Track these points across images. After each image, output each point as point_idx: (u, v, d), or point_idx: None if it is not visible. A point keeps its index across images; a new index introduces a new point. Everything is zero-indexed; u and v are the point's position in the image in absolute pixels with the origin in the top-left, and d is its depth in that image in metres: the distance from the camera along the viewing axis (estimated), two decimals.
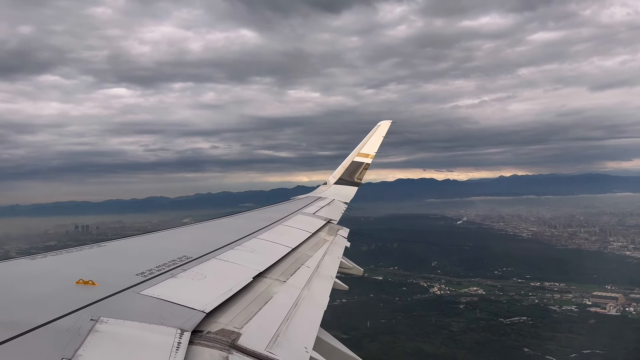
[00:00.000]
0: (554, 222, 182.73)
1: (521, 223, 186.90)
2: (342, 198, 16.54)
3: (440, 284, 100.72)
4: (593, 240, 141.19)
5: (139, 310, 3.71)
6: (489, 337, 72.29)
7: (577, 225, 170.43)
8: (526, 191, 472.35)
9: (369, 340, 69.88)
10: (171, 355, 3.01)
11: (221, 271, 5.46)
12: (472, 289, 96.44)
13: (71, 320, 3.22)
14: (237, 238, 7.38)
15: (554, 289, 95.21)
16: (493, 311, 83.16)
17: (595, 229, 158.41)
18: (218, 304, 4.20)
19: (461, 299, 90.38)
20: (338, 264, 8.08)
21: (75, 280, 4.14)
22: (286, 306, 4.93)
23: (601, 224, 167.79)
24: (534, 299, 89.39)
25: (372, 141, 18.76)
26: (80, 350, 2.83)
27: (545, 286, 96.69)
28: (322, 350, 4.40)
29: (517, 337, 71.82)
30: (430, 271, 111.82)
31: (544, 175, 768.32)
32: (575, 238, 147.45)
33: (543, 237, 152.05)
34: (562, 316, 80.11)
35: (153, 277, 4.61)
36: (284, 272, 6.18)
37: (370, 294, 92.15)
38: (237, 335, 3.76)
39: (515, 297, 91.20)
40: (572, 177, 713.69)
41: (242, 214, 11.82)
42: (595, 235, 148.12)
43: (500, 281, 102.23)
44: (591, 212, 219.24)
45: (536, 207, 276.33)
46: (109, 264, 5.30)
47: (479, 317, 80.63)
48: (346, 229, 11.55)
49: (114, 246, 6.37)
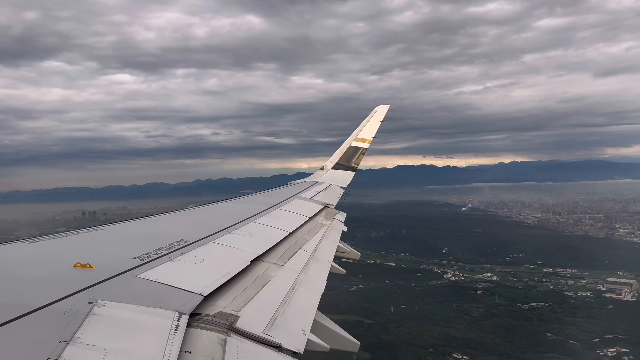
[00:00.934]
0: (558, 208, 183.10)
1: (525, 209, 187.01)
2: (339, 183, 16.54)
3: (454, 270, 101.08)
4: (599, 227, 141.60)
5: (137, 293, 3.71)
6: (512, 322, 73.17)
7: (581, 212, 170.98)
8: (526, 177, 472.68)
9: (395, 326, 71.02)
10: (169, 338, 3.02)
11: (219, 255, 5.47)
12: (486, 275, 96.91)
13: (69, 303, 3.22)
14: (235, 222, 7.38)
15: (567, 275, 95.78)
16: (511, 297, 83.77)
17: (600, 215, 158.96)
18: (216, 287, 4.21)
19: (477, 285, 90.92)
20: (335, 248, 8.10)
21: (73, 263, 4.14)
22: (283, 290, 4.95)
23: (605, 211, 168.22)
24: (548, 285, 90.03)
25: (369, 126, 18.69)
26: (79, 333, 2.84)
27: (558, 272, 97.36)
28: (319, 332, 4.44)
29: (539, 322, 72.65)
30: (442, 257, 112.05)
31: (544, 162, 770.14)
32: (581, 225, 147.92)
33: (549, 224, 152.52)
34: (579, 302, 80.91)
35: (150, 261, 4.61)
36: (281, 256, 6.19)
37: (386, 280, 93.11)
38: (235, 318, 3.77)
39: (530, 283, 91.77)
40: (571, 163, 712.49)
41: (239, 198, 11.81)
42: (601, 221, 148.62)
43: (512, 267, 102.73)
44: (593, 198, 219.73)
45: (537, 193, 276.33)
46: (107, 248, 5.30)
47: (498, 302, 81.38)
48: (343, 214, 11.57)
49: (111, 230, 6.36)
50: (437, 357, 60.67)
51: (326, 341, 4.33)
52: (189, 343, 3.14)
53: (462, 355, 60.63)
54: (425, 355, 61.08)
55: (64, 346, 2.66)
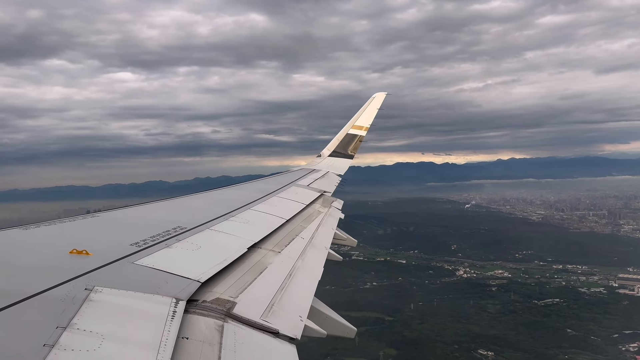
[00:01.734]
0: (560, 205, 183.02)
1: (527, 206, 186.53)
2: (336, 170, 16.53)
3: (464, 267, 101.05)
4: (604, 224, 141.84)
5: (134, 279, 3.70)
6: (531, 318, 73.68)
7: (584, 209, 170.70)
8: (525, 174, 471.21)
9: (418, 322, 71.42)
10: (166, 324, 3.02)
11: (216, 242, 5.47)
12: (498, 272, 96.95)
13: (65, 290, 3.21)
14: (232, 209, 7.37)
15: (577, 271, 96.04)
16: (525, 294, 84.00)
17: (603, 212, 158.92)
18: (213, 274, 4.21)
19: (490, 282, 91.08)
20: (332, 235, 8.11)
21: (69, 250, 4.12)
22: (281, 276, 4.96)
23: (608, 207, 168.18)
24: (560, 282, 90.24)
25: (366, 113, 18.63)
26: (75, 319, 2.83)
27: (569, 269, 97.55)
28: (316, 319, 4.45)
29: (557, 318, 73.26)
30: (451, 254, 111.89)
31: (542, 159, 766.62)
32: (586, 221, 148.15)
33: (554, 221, 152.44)
34: (593, 298, 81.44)
35: (147, 247, 4.60)
36: (278, 243, 6.20)
37: (399, 277, 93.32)
38: (232, 304, 3.78)
39: (542, 279, 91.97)
40: (570, 160, 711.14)
41: (236, 185, 11.80)
42: (605, 218, 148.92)
43: (522, 264, 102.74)
44: (594, 195, 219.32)
45: (538, 190, 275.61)
46: (103, 234, 5.28)
47: (514, 299, 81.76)
48: (340, 201, 11.57)
49: (108, 216, 6.34)
50: (463, 353, 61.17)
51: (323, 327, 4.34)
52: (186, 329, 3.14)
53: (487, 352, 61.03)
54: (451, 352, 61.55)
55: (61, 332, 2.65)
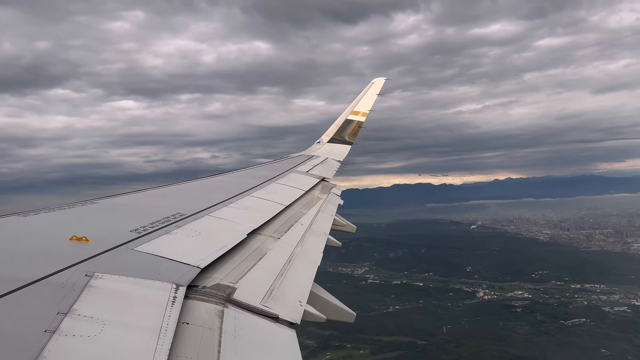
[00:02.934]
0: (564, 224, 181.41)
1: (532, 226, 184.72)
2: (335, 156, 16.50)
3: (483, 288, 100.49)
4: (612, 242, 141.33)
5: (134, 265, 3.71)
6: (564, 339, 73.68)
7: (589, 227, 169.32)
8: (523, 194, 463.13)
9: (454, 346, 71.18)
10: (167, 309, 3.04)
11: (215, 228, 5.48)
12: (518, 293, 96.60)
13: (66, 276, 3.22)
14: (231, 196, 7.37)
15: (597, 290, 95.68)
16: (550, 314, 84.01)
17: (608, 230, 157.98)
18: (213, 260, 4.22)
19: (512, 303, 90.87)
20: (331, 221, 8.13)
21: (69, 236, 4.13)
22: (280, 262, 4.98)
23: (612, 225, 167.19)
24: (582, 301, 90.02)
25: (365, 99, 18.54)
26: (76, 305, 2.84)
27: (587, 288, 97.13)
28: (316, 304, 4.48)
29: (589, 338, 73.32)
30: (467, 276, 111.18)
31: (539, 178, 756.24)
32: (594, 240, 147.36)
33: (562, 240, 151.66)
34: (619, 317, 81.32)
35: (147, 234, 4.61)
36: (277, 229, 6.21)
37: (420, 300, 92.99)
38: (232, 290, 3.80)
39: (563, 299, 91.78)
40: (566, 179, 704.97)
41: (235, 172, 11.78)
42: (612, 236, 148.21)
43: (540, 284, 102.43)
44: (596, 213, 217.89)
45: (538, 209, 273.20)
46: (103, 221, 5.29)
47: (541, 320, 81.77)
48: (339, 187, 11.58)
49: (107, 203, 6.34)
50: None
51: (323, 312, 4.37)
52: (187, 314, 3.16)
53: None
54: None
55: (62, 318, 2.67)
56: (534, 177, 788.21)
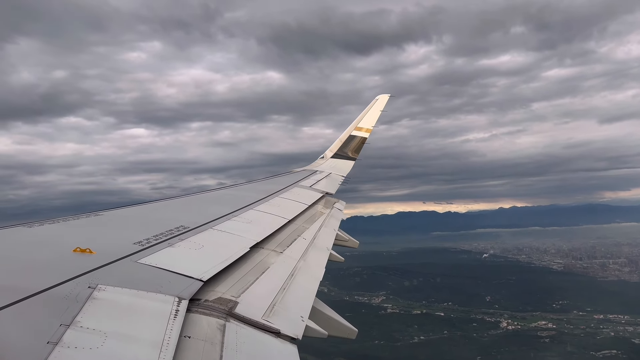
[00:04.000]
0: (575, 253, 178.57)
1: (543, 255, 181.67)
2: (339, 172, 16.52)
3: (505, 319, 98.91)
4: (627, 272, 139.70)
5: (137, 278, 3.72)
6: None
7: (601, 257, 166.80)
8: (529, 222, 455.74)
9: None
10: (169, 322, 3.04)
11: (218, 241, 5.48)
12: (541, 323, 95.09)
13: (69, 287, 3.23)
14: (234, 209, 7.39)
15: (621, 321, 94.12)
16: (579, 344, 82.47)
17: (622, 260, 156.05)
18: (215, 273, 4.23)
19: (538, 334, 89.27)
20: (334, 236, 8.12)
21: (73, 248, 4.14)
22: (282, 276, 4.97)
23: (625, 255, 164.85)
24: (608, 332, 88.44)
25: (369, 115, 18.61)
26: (79, 317, 2.85)
27: (611, 319, 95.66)
28: (318, 319, 4.46)
29: None
30: (487, 306, 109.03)
31: (544, 207, 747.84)
32: (609, 269, 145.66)
33: (577, 269, 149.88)
34: None
35: (150, 246, 4.62)
36: (280, 243, 6.21)
37: (444, 331, 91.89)
38: (234, 304, 3.80)
39: (588, 330, 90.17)
40: (572, 207, 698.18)
41: (238, 185, 11.81)
42: (627, 266, 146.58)
43: (562, 314, 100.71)
44: (606, 242, 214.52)
45: (546, 238, 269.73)
46: (106, 233, 5.30)
47: (570, 351, 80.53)
48: (342, 202, 11.58)
49: (111, 215, 6.36)
50: None
51: (324, 328, 4.35)
52: (189, 328, 3.16)
53: None
54: None
55: (64, 330, 2.68)
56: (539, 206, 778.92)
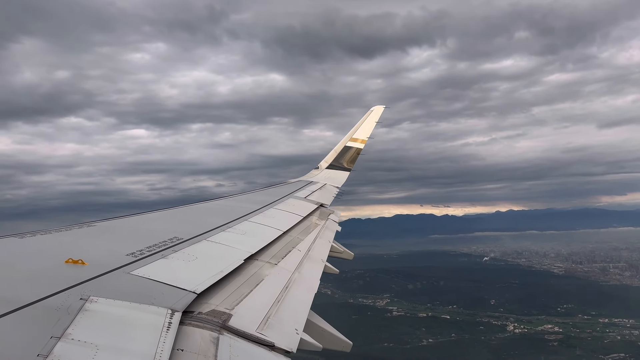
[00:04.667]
0: (575, 257, 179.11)
1: (543, 259, 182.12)
2: (334, 183, 16.54)
3: (511, 322, 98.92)
4: (628, 276, 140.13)
5: (129, 290, 3.68)
6: None
7: (601, 261, 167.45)
8: (526, 226, 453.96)
9: None
10: (162, 335, 3.00)
11: (212, 253, 5.45)
12: (548, 327, 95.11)
13: (61, 299, 3.19)
14: (229, 220, 7.36)
15: (627, 325, 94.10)
16: (588, 348, 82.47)
17: (622, 264, 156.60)
18: (209, 285, 4.19)
19: (546, 337, 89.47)
20: (329, 247, 8.10)
21: (65, 259, 4.10)
22: (277, 289, 4.94)
23: (624, 260, 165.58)
24: (615, 336, 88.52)
25: (364, 126, 18.69)
26: (70, 329, 2.81)
27: (616, 323, 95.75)
28: (312, 332, 4.43)
29: None
30: (492, 309, 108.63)
31: (541, 211, 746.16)
32: (609, 274, 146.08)
33: (578, 273, 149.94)
34: None
35: (143, 258, 4.59)
36: (275, 255, 6.18)
37: (452, 334, 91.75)
38: (228, 316, 3.76)
39: (595, 334, 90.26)
40: (568, 211, 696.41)
41: (233, 196, 11.78)
42: (627, 270, 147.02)
43: (568, 318, 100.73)
44: (604, 247, 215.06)
45: (544, 242, 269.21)
46: (99, 244, 5.26)
47: (580, 354, 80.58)
48: (338, 213, 11.57)
49: (104, 226, 6.32)
50: None
51: (319, 340, 4.32)
52: (182, 341, 3.12)
53: None
54: None
55: (55, 342, 2.64)
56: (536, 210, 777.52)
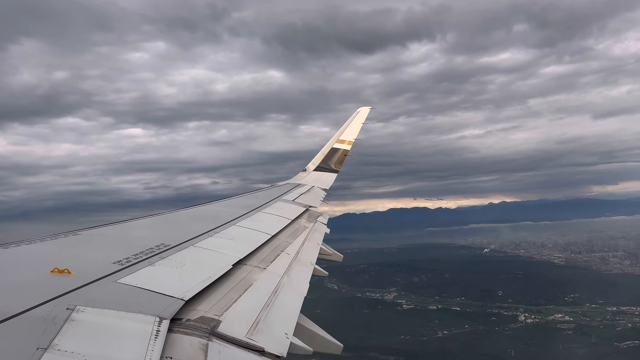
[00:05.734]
0: (573, 247, 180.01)
1: (541, 250, 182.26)
2: (322, 185, 16.55)
3: (521, 312, 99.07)
4: (629, 265, 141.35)
5: (116, 298, 3.65)
6: None
7: (599, 250, 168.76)
8: (520, 217, 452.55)
9: None
10: (150, 343, 2.98)
11: (200, 259, 5.42)
12: (558, 316, 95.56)
13: (47, 310, 3.15)
14: (216, 226, 7.33)
15: (635, 312, 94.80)
16: (602, 336, 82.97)
17: (620, 253, 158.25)
18: (197, 292, 4.17)
19: (558, 326, 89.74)
20: (318, 250, 8.10)
21: (50, 269, 4.06)
22: (266, 293, 4.93)
23: (622, 248, 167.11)
24: (626, 324, 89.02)
25: (351, 128, 18.76)
26: (57, 340, 2.78)
27: (624, 311, 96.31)
28: (302, 336, 4.42)
29: None
30: (501, 300, 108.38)
31: (533, 202, 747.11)
32: (609, 263, 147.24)
33: (579, 263, 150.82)
34: None
35: (130, 265, 4.55)
36: (263, 260, 6.17)
37: (465, 325, 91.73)
38: (217, 323, 3.74)
39: (605, 322, 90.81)
40: (560, 202, 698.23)
41: (221, 201, 11.73)
42: (626, 259, 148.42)
43: (576, 307, 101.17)
44: (600, 236, 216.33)
45: (540, 233, 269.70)
46: (85, 253, 5.21)
47: (595, 342, 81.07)
48: (326, 216, 11.57)
49: (90, 235, 6.25)
50: None
51: (309, 344, 4.32)
52: (170, 348, 3.10)
53: None
54: None
55: (42, 354, 2.61)
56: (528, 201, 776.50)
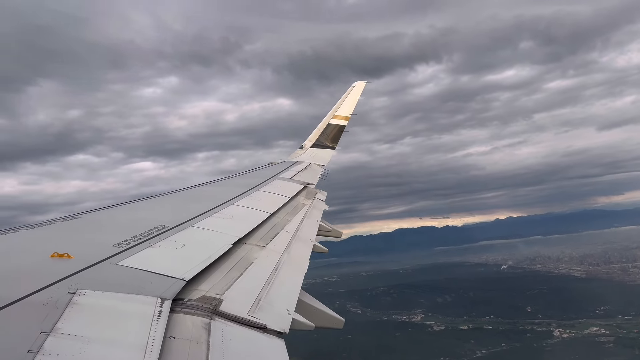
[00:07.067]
0: (589, 260, 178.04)
1: (558, 264, 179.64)
2: (319, 161, 16.50)
3: (555, 327, 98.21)
4: None
5: (117, 281, 3.67)
6: None
7: (617, 262, 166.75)
8: (529, 232, 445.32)
9: None
10: (152, 324, 3.00)
11: (200, 239, 5.43)
12: (594, 330, 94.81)
13: (48, 294, 3.16)
14: (215, 205, 7.32)
15: None
16: None
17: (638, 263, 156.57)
18: (198, 272, 4.19)
19: (596, 339, 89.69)
20: (317, 227, 8.12)
21: (50, 253, 4.06)
22: (267, 271, 4.95)
23: None
24: None
25: (347, 103, 18.62)
26: (59, 324, 2.79)
27: None
28: (304, 311, 4.46)
29: None
30: (531, 317, 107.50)
31: (540, 215, 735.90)
32: (631, 273, 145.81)
33: (600, 275, 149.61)
34: None
35: (130, 248, 4.56)
36: (263, 238, 6.18)
37: (502, 344, 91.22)
38: (218, 302, 3.77)
39: None
40: (567, 214, 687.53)
41: (218, 181, 11.71)
42: None
43: (609, 320, 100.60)
44: (615, 247, 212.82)
45: (552, 246, 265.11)
46: (84, 236, 5.21)
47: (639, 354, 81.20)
48: (324, 192, 11.58)
49: (89, 218, 6.25)
50: None
51: (311, 320, 4.36)
52: (173, 328, 3.12)
53: None
54: None
55: (45, 337, 2.62)
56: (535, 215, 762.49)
